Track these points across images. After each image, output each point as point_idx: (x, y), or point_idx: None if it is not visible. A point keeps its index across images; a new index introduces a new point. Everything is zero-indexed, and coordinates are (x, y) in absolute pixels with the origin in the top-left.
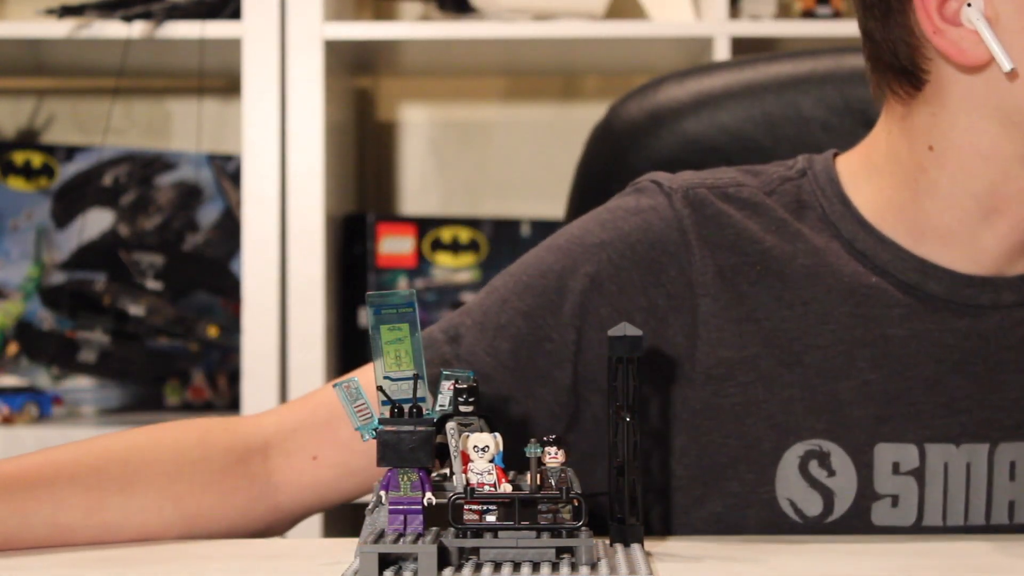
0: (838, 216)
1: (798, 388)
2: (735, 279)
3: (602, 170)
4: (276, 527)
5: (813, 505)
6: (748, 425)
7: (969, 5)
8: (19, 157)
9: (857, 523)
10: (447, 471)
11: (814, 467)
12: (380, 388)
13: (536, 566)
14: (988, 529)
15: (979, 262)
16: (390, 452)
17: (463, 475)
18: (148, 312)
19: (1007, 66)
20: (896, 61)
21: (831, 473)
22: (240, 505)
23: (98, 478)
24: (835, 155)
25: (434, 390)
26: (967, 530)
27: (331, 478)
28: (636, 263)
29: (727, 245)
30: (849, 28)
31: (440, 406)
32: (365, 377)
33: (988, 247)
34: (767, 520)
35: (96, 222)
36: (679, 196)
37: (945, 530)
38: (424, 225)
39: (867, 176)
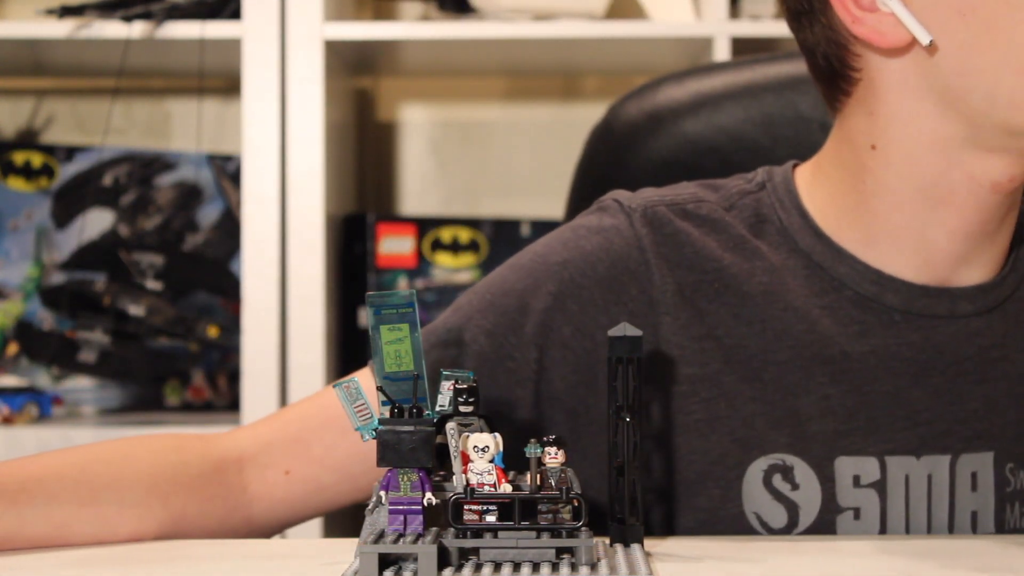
0: (796, 229)
1: (759, 403)
2: (694, 297)
3: (601, 171)
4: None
5: (778, 518)
6: (712, 441)
7: None
8: (19, 157)
9: (823, 536)
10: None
11: (778, 480)
12: (380, 388)
13: (536, 566)
14: None
15: (932, 264)
16: (390, 452)
17: (463, 475)
18: (148, 312)
19: (926, 39)
20: (828, 65)
21: (795, 487)
22: (218, 513)
23: (86, 474)
24: (795, 166)
25: None
26: None
27: (303, 493)
28: (597, 282)
29: (686, 263)
30: None
31: (440, 406)
32: (366, 379)
33: (940, 246)
34: (736, 534)
35: (96, 222)
36: (638, 215)
37: None
38: (424, 225)
39: (819, 185)
